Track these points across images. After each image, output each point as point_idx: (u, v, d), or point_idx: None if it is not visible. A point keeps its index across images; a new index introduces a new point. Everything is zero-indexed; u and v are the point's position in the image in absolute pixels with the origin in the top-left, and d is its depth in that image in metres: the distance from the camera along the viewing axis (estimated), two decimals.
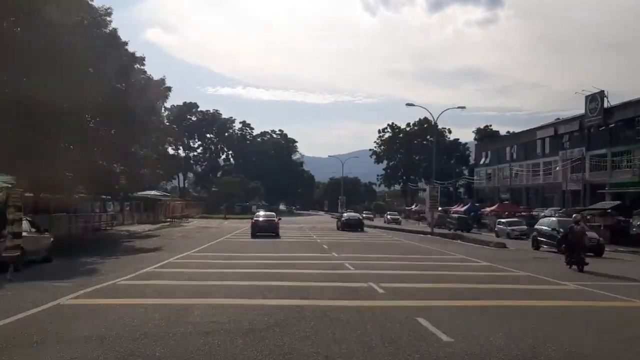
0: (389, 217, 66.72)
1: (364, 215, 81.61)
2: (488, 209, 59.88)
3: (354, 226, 43.37)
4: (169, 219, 54.86)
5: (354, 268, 16.43)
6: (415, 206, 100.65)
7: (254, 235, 32.77)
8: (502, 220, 44.84)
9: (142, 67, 29.33)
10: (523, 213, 53.53)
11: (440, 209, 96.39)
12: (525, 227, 42.94)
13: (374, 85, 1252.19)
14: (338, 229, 45.31)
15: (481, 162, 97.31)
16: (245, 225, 50.66)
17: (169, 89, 30.28)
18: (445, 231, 44.04)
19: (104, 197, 37.05)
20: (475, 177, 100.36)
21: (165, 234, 35.72)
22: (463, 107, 47.73)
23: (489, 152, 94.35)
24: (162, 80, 30.06)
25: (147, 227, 42.06)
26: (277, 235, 33.35)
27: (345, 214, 52.93)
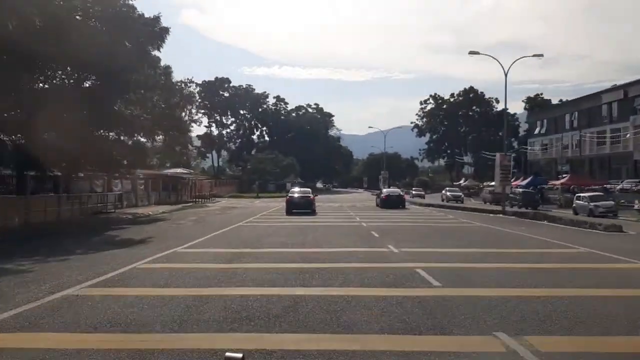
0: (448, 194, 57.14)
1: (413, 192, 73.86)
2: (558, 182, 51.49)
3: (394, 203, 39.40)
4: (193, 199, 48.77)
5: (439, 282, 9.20)
6: (464, 181, 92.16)
7: (289, 212, 31.33)
8: (583, 195, 36.73)
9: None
10: (600, 186, 45.15)
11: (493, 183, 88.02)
12: (612, 202, 34.99)
13: (411, 60, 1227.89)
14: (377, 206, 41.51)
15: (535, 132, 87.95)
16: (276, 204, 44.33)
17: (165, 30, 22.81)
18: (516, 209, 36.40)
19: (104, 174, 30.65)
20: (528, 148, 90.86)
21: (176, 218, 29.30)
22: (540, 55, 39.11)
23: (545, 121, 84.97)
24: (157, 19, 22.74)
25: (163, 208, 35.92)
26: (312, 212, 31.43)
27: (384, 190, 46.28)
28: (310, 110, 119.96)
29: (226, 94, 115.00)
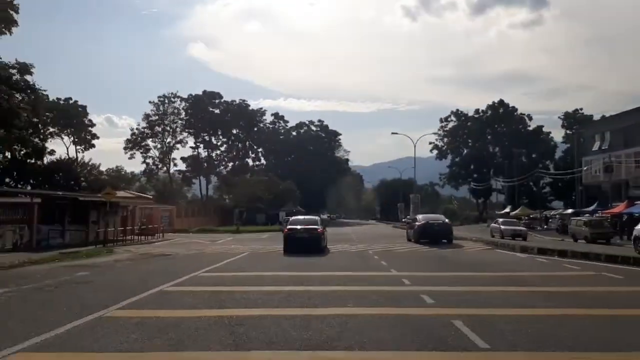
0: (504, 227, 35.72)
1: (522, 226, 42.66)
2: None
3: (436, 235, 27.16)
4: (119, 238, 29.71)
5: None
6: (508, 209, 73.08)
7: (288, 251, 20.86)
8: None
9: None
10: None
11: (552, 212, 68.38)
12: None
13: (417, 92, 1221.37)
14: (409, 240, 29.57)
15: (595, 149, 69.32)
16: (249, 245, 26.17)
17: None
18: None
19: None
20: (584, 168, 71.68)
21: None
22: None
23: (607, 134, 66.41)
24: None
25: (16, 258, 17.62)
26: (321, 252, 20.93)
27: (420, 217, 31.13)
28: (313, 128, 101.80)
29: (216, 111, 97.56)
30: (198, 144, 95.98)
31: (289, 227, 22.37)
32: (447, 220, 29.68)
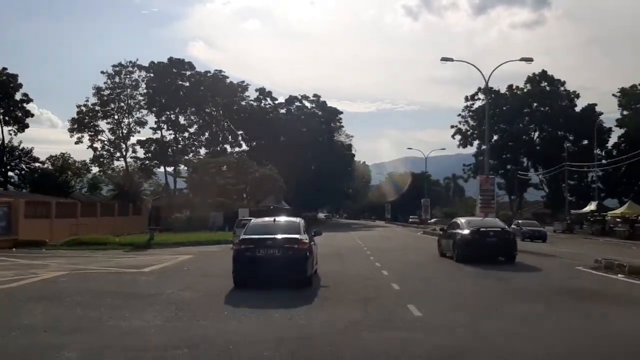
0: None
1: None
2: None
3: (496, 250, 17.43)
4: None
5: None
6: (598, 208, 50.56)
7: (239, 284, 10.96)
8: None
9: None
10: None
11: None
12: None
13: (416, 92, 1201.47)
14: (444, 255, 18.91)
15: None
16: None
17: None
18: None
19: None
20: None
21: None
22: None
23: None
24: None
25: None
26: (304, 284, 10.97)
27: (461, 221, 18.83)
28: (307, 104, 79.37)
29: (186, 84, 76.15)
30: (161, 124, 74.45)
31: (244, 237, 11.56)
32: (506, 227, 19.67)
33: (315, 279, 11.76)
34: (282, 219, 13.35)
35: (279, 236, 11.27)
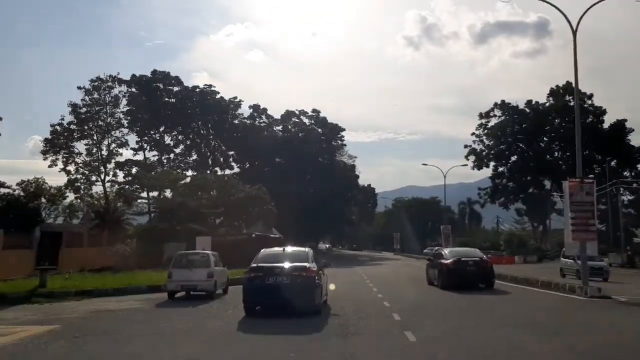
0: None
1: None
2: None
3: (475, 277, 18.96)
4: None
5: None
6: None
7: (249, 312, 12.09)
8: None
9: None
10: None
11: None
12: None
13: (418, 121, 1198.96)
14: (432, 284, 20.40)
15: None
16: None
17: None
18: None
19: None
20: None
21: None
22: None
23: None
24: None
25: None
26: (316, 312, 11.94)
27: (445, 252, 21.36)
28: (305, 120, 70.96)
29: (172, 100, 68.48)
30: (143, 143, 66.44)
31: (253, 265, 12.53)
32: (484, 256, 21.31)
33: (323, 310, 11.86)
34: (291, 248, 14.71)
35: (287, 265, 12.31)
